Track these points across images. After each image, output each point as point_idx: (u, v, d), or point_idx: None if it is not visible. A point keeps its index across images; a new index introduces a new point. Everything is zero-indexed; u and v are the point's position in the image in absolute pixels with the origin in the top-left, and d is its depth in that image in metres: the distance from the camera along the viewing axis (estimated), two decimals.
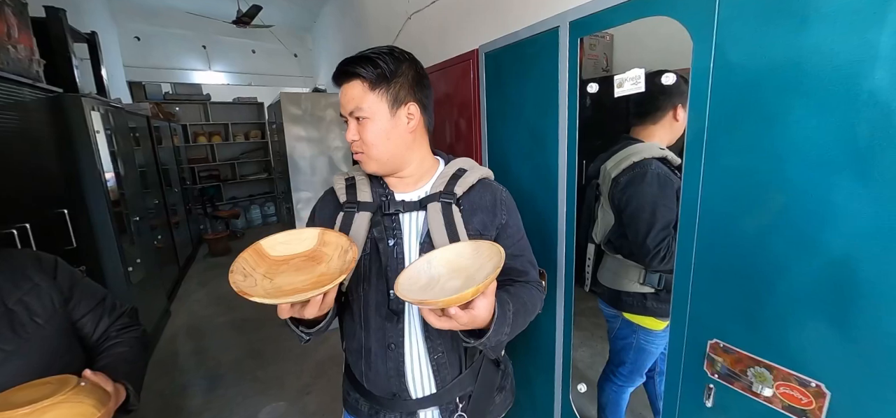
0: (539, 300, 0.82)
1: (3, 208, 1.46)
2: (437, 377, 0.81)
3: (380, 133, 0.75)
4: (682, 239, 0.83)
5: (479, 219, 0.80)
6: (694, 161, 0.79)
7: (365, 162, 0.78)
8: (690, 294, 0.84)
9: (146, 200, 3.16)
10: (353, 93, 0.73)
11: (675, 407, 0.92)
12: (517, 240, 0.83)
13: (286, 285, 0.65)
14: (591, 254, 1.36)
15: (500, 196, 0.84)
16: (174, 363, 2.72)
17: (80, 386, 0.62)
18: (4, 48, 1.47)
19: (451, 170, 0.82)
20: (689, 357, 0.87)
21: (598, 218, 1.30)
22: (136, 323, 0.91)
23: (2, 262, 0.74)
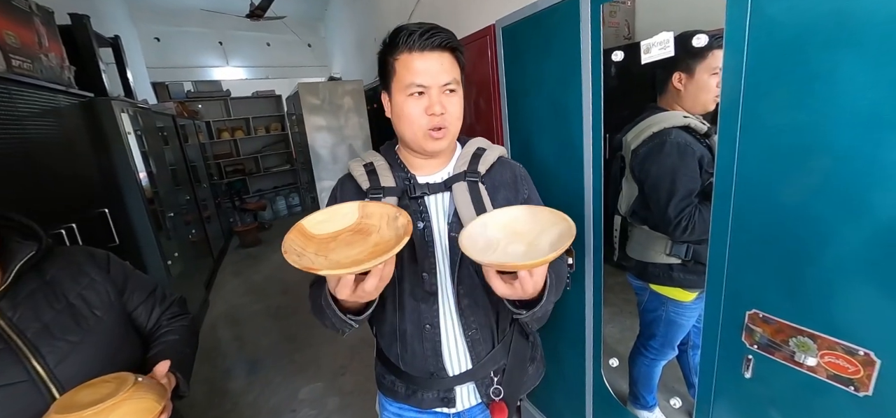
0: (566, 273, 0.84)
1: (50, 210, 1.55)
2: (472, 353, 0.83)
3: (461, 108, 0.77)
4: (717, 207, 0.80)
5: (503, 195, 0.80)
6: (729, 125, 0.75)
7: (441, 138, 0.75)
8: (727, 264, 0.82)
9: (178, 197, 3.29)
10: (448, 65, 0.72)
11: (711, 380, 0.90)
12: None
13: (344, 259, 0.62)
14: (618, 226, 1.34)
15: (520, 172, 0.85)
16: (217, 349, 2.87)
17: (139, 383, 0.65)
18: (37, 57, 1.53)
19: (470, 150, 0.83)
20: (726, 328, 0.85)
21: (623, 190, 1.28)
22: (185, 312, 0.96)
23: (59, 259, 0.78)
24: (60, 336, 0.71)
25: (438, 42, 0.71)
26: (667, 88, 1.10)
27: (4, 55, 1.34)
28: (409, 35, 0.71)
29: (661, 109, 1.13)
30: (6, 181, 1.33)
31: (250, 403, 2.24)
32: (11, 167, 1.37)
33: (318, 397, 2.24)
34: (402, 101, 0.74)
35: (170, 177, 3.15)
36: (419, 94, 0.72)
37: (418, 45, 0.71)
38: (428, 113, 0.72)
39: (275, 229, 6.01)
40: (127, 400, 0.60)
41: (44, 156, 1.58)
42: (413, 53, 0.71)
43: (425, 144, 0.75)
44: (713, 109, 0.97)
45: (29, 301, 0.70)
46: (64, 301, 0.74)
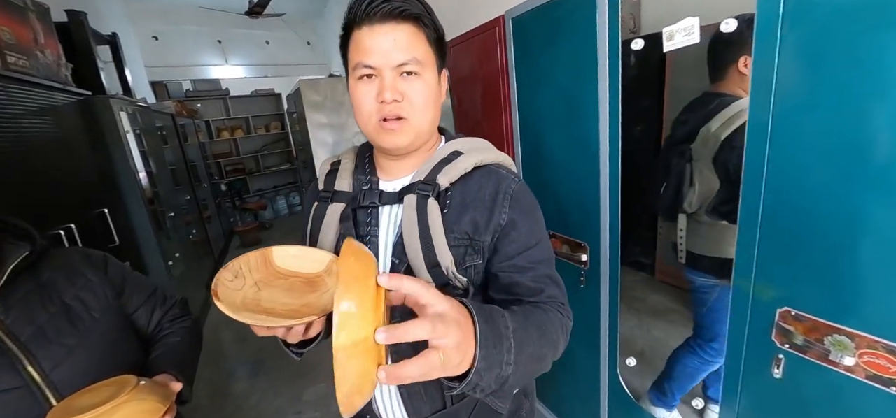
0: (561, 326, 0.58)
1: (49, 210, 1.51)
2: (408, 406, 0.68)
3: (429, 96, 0.61)
4: (746, 196, 0.77)
5: (470, 218, 0.62)
6: (761, 109, 0.71)
7: (400, 132, 0.60)
8: (756, 258, 0.78)
9: (178, 197, 3.25)
10: (405, 38, 0.57)
11: (737, 380, 0.87)
12: (527, 247, 0.62)
13: (266, 302, 0.58)
14: (683, 225, 1.26)
15: (507, 188, 0.63)
16: (219, 351, 2.83)
17: (141, 386, 0.62)
18: (33, 54, 1.49)
19: (443, 153, 0.65)
20: (755, 326, 0.81)
21: (695, 186, 1.18)
22: (187, 313, 0.92)
23: (55, 260, 0.75)
24: (55, 338, 0.67)
25: (389, 9, 0.55)
26: (728, 73, 1.04)
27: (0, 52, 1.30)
28: (357, 2, 0.57)
29: (735, 96, 1.07)
30: (3, 181, 1.29)
31: (254, 405, 2.21)
32: (9, 167, 1.33)
33: (321, 398, 2.20)
34: (353, 86, 0.61)
35: (169, 176, 3.11)
36: (368, 76, 0.59)
37: (365, 15, 0.56)
38: (378, 100, 0.58)
39: (276, 228, 5.97)
40: (128, 401, 0.58)
41: (41, 155, 1.54)
42: (362, 28, 0.57)
43: (378, 139, 0.62)
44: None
45: (22, 303, 0.67)
46: (59, 302, 0.71)
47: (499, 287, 0.63)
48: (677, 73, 1.37)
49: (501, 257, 0.63)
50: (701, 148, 1.15)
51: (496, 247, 0.63)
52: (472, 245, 0.62)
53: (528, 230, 0.63)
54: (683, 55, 1.05)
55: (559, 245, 1.30)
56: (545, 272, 0.63)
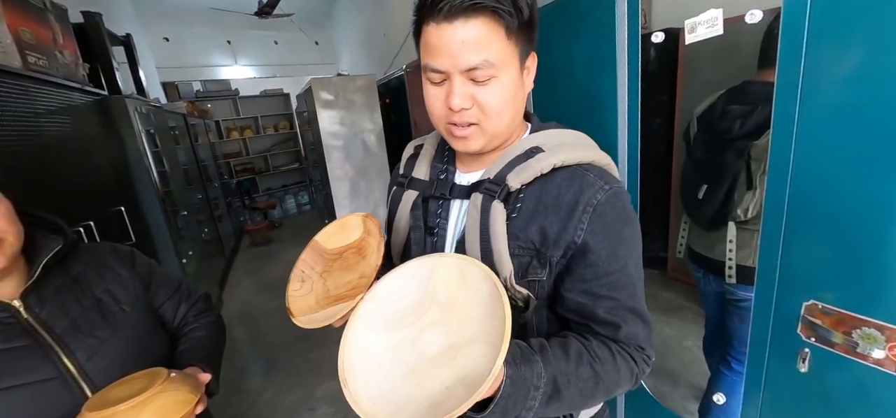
0: (628, 374, 0.54)
1: (69, 207, 1.53)
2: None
3: (505, 98, 0.53)
4: (772, 183, 0.75)
5: (539, 227, 0.54)
6: (787, 93, 0.70)
7: (471, 138, 0.55)
8: (781, 249, 0.77)
9: (190, 195, 3.29)
10: (476, 37, 0.48)
11: (760, 375, 0.86)
12: (606, 273, 0.53)
13: (334, 289, 0.59)
14: (734, 235, 1.08)
15: (590, 198, 0.53)
16: (233, 348, 2.86)
17: (173, 377, 0.63)
18: (52, 55, 1.52)
19: (521, 148, 0.58)
20: (779, 320, 0.80)
21: (757, 189, 1.04)
22: (211, 308, 0.94)
23: (86, 255, 0.77)
24: (88, 331, 0.69)
25: (458, 3, 0.48)
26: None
27: (20, 52, 1.32)
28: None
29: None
30: (26, 178, 1.32)
31: (268, 402, 2.23)
32: (31, 164, 1.36)
33: (335, 395, 2.21)
34: (424, 86, 0.56)
35: (182, 176, 3.15)
36: (438, 79, 0.54)
37: (432, 8, 0.50)
38: (446, 105, 0.53)
39: (285, 227, 6.01)
40: (162, 392, 0.59)
41: (61, 153, 1.56)
42: (429, 24, 0.51)
43: (449, 142, 0.58)
44: None
45: (56, 297, 0.69)
46: (91, 296, 0.72)
47: (567, 308, 0.57)
48: (691, 67, 1.34)
49: (574, 279, 0.55)
50: (768, 145, 1.08)
51: (569, 266, 0.55)
52: (537, 257, 0.55)
53: (610, 254, 0.53)
54: (698, 48, 1.03)
55: None
56: (626, 304, 0.54)
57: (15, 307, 0.64)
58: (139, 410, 0.56)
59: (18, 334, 0.63)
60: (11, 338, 0.62)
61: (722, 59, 1.13)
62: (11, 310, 0.64)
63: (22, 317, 0.64)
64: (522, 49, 0.53)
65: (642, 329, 0.56)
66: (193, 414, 0.62)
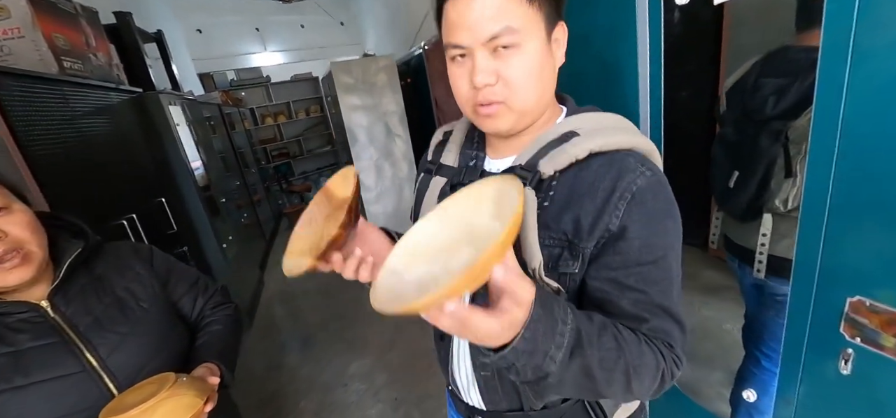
0: (654, 367, 0.47)
1: (112, 203, 1.65)
2: (484, 394, 0.63)
3: (532, 69, 0.49)
4: (813, 165, 0.66)
5: (573, 217, 0.50)
6: (834, 63, 0.60)
7: (498, 117, 0.52)
8: (823, 240, 0.68)
9: (228, 183, 3.45)
10: (498, 3, 0.46)
11: (795, 376, 0.78)
12: (637, 264, 0.49)
13: (327, 233, 0.55)
14: (769, 228, 0.97)
15: (629, 184, 0.48)
16: (273, 326, 3.04)
17: (181, 381, 0.66)
18: (86, 57, 1.60)
19: (556, 132, 0.54)
20: (819, 318, 0.72)
21: (797, 176, 0.92)
22: (228, 301, 0.98)
23: (107, 256, 0.81)
24: (110, 328, 0.73)
25: None
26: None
27: (56, 57, 1.40)
28: None
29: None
30: (71, 179, 1.42)
31: (305, 377, 2.36)
32: (74, 164, 1.46)
33: (367, 372, 2.30)
34: (448, 67, 0.54)
35: (219, 164, 3.30)
36: (461, 56, 0.51)
37: None
38: (471, 84, 0.50)
39: None
40: (169, 397, 0.62)
41: (102, 151, 1.67)
42: (448, 1, 0.49)
43: (477, 123, 0.56)
44: None
45: (80, 296, 0.73)
46: (112, 294, 0.77)
47: (589, 297, 0.52)
48: (739, 28, 1.19)
49: (599, 266, 0.50)
50: (809, 126, 0.95)
51: (598, 254, 0.50)
52: (569, 248, 0.51)
53: (644, 244, 0.48)
54: (745, 6, 0.90)
55: None
56: (657, 300, 0.49)
57: (43, 307, 0.69)
58: (148, 415, 0.59)
59: (47, 332, 0.68)
60: (40, 336, 0.67)
61: (769, 20, 0.97)
62: (40, 310, 0.69)
63: (49, 316, 0.69)
64: (548, 16, 0.49)
65: (675, 329, 0.50)
66: (201, 414, 0.65)
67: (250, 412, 2.13)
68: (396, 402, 2.04)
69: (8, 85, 1.20)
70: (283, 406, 2.15)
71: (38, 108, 1.31)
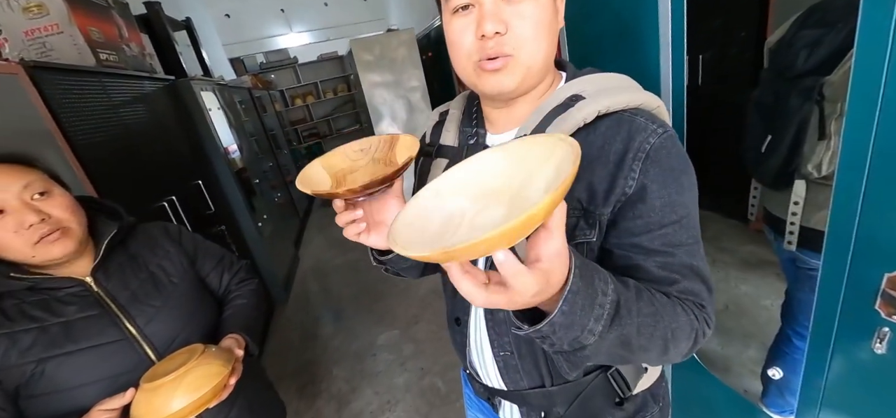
0: (689, 328, 0.46)
1: (152, 186, 1.76)
2: (504, 375, 0.62)
3: (542, 21, 0.47)
4: (850, 127, 0.60)
5: (586, 184, 0.49)
6: (874, 28, 0.53)
7: (505, 71, 0.49)
8: (860, 212, 0.62)
9: (261, 164, 3.58)
10: None
11: (825, 355, 0.73)
12: (661, 225, 0.47)
13: (353, 181, 0.55)
14: (801, 195, 0.93)
15: (642, 143, 0.46)
16: (308, 299, 3.19)
17: (208, 351, 0.73)
18: (120, 48, 1.69)
19: (560, 97, 0.51)
20: (852, 294, 0.66)
21: (831, 137, 0.87)
22: (252, 277, 1.03)
23: (140, 235, 0.88)
24: (145, 301, 0.80)
25: None
26: None
27: (92, 50, 1.49)
28: None
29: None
30: (113, 164, 1.53)
31: (337, 348, 2.48)
32: (115, 151, 1.56)
33: (394, 343, 2.38)
34: (447, 23, 0.51)
35: (252, 146, 3.43)
36: (464, 8, 0.48)
37: None
38: (477, 36, 0.47)
39: None
40: (196, 366, 0.68)
41: (141, 138, 1.78)
42: None
43: (480, 83, 0.51)
44: None
45: (118, 272, 0.80)
46: (146, 271, 0.83)
47: (614, 266, 0.49)
48: None
49: (621, 232, 0.48)
50: (847, 80, 0.87)
51: (616, 219, 0.48)
52: (585, 216, 0.49)
53: (666, 202, 0.46)
54: None
55: None
56: (684, 260, 0.47)
57: (87, 282, 0.76)
58: (178, 382, 0.66)
59: (91, 305, 0.75)
60: (85, 309, 0.74)
61: None
62: (85, 284, 0.76)
63: (93, 290, 0.76)
64: None
65: (703, 289, 0.48)
66: (226, 381, 0.72)
67: (288, 378, 2.28)
68: (422, 372, 2.11)
69: (51, 79, 1.30)
70: (318, 373, 2.28)
71: (80, 100, 1.41)
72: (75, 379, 0.71)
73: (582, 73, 0.55)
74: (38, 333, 0.70)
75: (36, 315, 0.71)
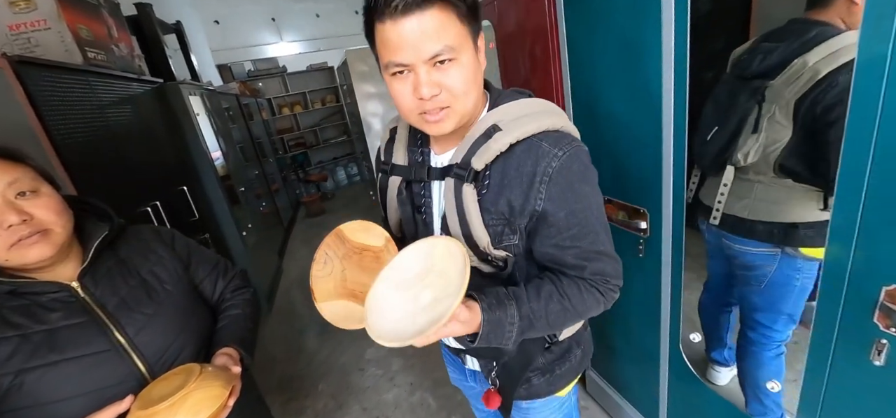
0: (592, 299, 0.64)
1: (137, 190, 1.70)
2: (459, 338, 0.74)
3: (469, 77, 0.57)
4: (850, 142, 0.62)
5: (506, 200, 0.61)
6: (874, 42, 0.56)
7: (444, 120, 0.58)
8: (859, 225, 0.64)
9: (247, 172, 3.51)
10: (434, 25, 0.52)
11: (824, 366, 0.75)
12: (567, 229, 0.61)
13: (351, 283, 0.71)
14: (729, 179, 1.08)
15: (546, 168, 0.58)
16: (292, 311, 3.10)
17: (207, 371, 0.68)
18: (109, 48, 1.64)
19: (482, 127, 0.61)
20: (851, 306, 0.68)
21: (762, 132, 0.99)
22: (247, 285, 0.99)
23: (132, 239, 0.83)
24: (136, 308, 0.75)
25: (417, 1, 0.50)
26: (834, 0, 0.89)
27: (80, 48, 1.44)
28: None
29: (827, 25, 0.91)
30: (97, 165, 1.47)
31: (322, 361, 2.41)
32: (100, 152, 1.50)
33: (383, 357, 2.33)
34: (388, 82, 0.59)
35: (238, 153, 3.35)
36: (400, 72, 0.56)
37: (386, 7, 0.51)
38: (415, 96, 0.56)
39: (337, 198, 6.29)
40: (196, 389, 0.63)
41: (126, 140, 1.72)
42: (385, 22, 0.52)
43: (424, 128, 0.61)
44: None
45: (107, 277, 0.75)
46: (137, 277, 0.79)
47: (540, 259, 0.67)
48: (769, 5, 1.19)
49: (542, 237, 0.63)
50: (784, 86, 0.94)
51: (536, 228, 0.63)
52: (508, 224, 0.63)
53: (569, 213, 0.60)
54: None
55: (614, 211, 1.19)
56: (591, 248, 0.62)
57: (73, 287, 0.71)
58: (177, 409, 0.61)
59: (77, 311, 0.70)
60: (71, 316, 0.70)
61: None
62: (71, 290, 0.71)
63: (79, 296, 0.71)
64: (473, 30, 0.58)
65: (609, 264, 0.65)
66: (227, 405, 0.67)
67: (271, 394, 2.19)
68: (412, 387, 2.07)
69: (36, 75, 1.24)
70: (302, 388, 2.21)
71: (65, 98, 1.35)
72: (58, 392, 0.66)
73: (502, 98, 0.65)
74: (20, 341, 0.65)
75: (17, 321, 0.65)
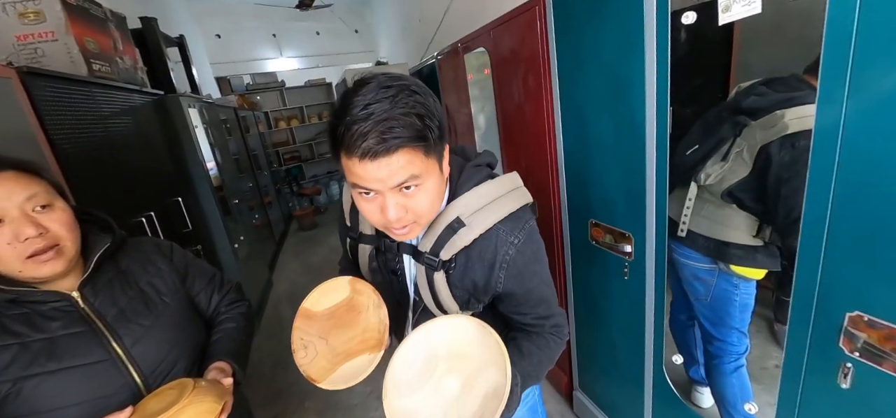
0: (557, 346, 0.75)
1: (133, 200, 1.71)
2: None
3: (434, 195, 0.61)
4: (813, 184, 0.68)
5: (471, 280, 0.70)
6: (833, 81, 0.62)
7: (411, 231, 0.63)
8: (823, 256, 0.69)
9: (241, 184, 3.52)
10: (401, 163, 0.54)
11: (796, 389, 0.79)
12: (526, 302, 0.71)
13: (340, 346, 0.72)
14: (693, 195, 1.19)
15: (503, 257, 0.66)
16: (280, 326, 3.08)
17: (200, 386, 0.69)
18: (114, 60, 1.67)
19: (449, 217, 0.66)
20: (818, 331, 0.73)
21: (728, 162, 1.09)
22: (242, 298, 1.01)
23: (132, 251, 0.85)
24: (134, 319, 0.77)
25: (384, 149, 0.52)
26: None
27: (86, 60, 1.47)
28: (346, 131, 0.53)
29: (814, 90, 0.98)
30: (96, 175, 1.48)
31: None
32: (99, 162, 1.52)
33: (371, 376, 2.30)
34: (354, 196, 0.61)
35: (233, 165, 3.37)
36: (367, 193, 0.58)
37: (355, 150, 0.52)
38: (382, 216, 0.59)
39: (330, 213, 6.29)
40: (189, 405, 0.64)
41: (125, 151, 1.73)
42: (352, 158, 0.54)
43: (391, 236, 0.66)
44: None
45: (107, 288, 0.77)
46: (136, 288, 0.80)
47: (505, 317, 0.76)
48: (747, 49, 1.27)
49: (504, 306, 0.74)
50: (758, 129, 1.02)
51: (500, 297, 0.72)
52: (473, 296, 0.72)
53: (525, 290, 0.70)
54: (754, 29, 0.95)
55: (601, 234, 1.24)
56: (545, 312, 0.74)
57: (74, 297, 0.73)
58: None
59: (77, 321, 0.72)
60: (71, 325, 0.71)
61: (777, 44, 1.05)
62: (71, 300, 0.72)
63: (79, 307, 0.73)
64: (438, 154, 0.60)
65: (560, 318, 0.76)
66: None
67: (258, 409, 2.16)
68: None
69: (41, 85, 1.27)
70: (289, 403, 2.19)
71: (68, 108, 1.37)
72: (54, 400, 0.67)
73: (462, 187, 0.68)
74: (19, 350, 0.66)
75: (17, 330, 0.67)
